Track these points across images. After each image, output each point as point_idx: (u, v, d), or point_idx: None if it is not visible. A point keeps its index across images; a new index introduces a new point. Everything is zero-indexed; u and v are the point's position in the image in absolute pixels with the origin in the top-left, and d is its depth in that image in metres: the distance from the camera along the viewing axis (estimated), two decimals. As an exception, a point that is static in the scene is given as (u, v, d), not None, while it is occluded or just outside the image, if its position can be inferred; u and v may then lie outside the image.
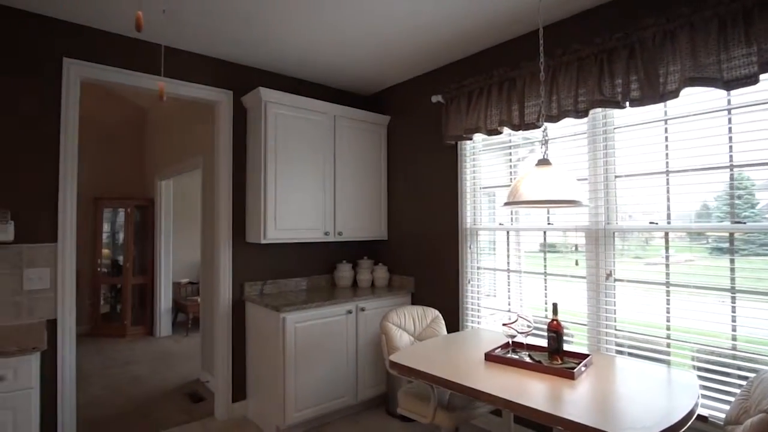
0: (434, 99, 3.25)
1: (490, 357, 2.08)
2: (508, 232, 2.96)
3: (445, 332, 2.84)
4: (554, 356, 2.01)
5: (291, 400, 2.86)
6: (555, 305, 2.07)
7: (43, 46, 2.56)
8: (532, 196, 1.83)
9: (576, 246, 2.59)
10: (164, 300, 5.83)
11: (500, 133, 2.84)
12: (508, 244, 2.96)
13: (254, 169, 3.20)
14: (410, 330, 2.73)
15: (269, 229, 3.07)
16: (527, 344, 2.22)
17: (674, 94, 2.04)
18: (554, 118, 2.50)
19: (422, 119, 3.52)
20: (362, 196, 3.64)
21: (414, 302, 3.56)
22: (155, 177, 5.88)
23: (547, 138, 2.01)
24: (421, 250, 3.50)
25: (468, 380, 1.81)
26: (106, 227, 5.97)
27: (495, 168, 3.07)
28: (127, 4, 2.43)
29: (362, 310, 3.24)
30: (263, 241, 3.06)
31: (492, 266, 3.08)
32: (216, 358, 3.28)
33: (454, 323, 3.20)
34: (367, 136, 3.69)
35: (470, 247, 3.14)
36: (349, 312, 3.17)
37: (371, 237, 3.71)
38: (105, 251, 5.95)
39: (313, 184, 3.32)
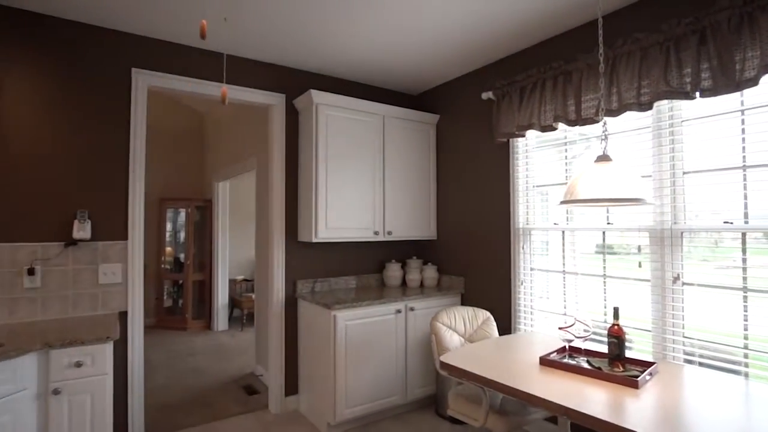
0: (484, 96, 3.18)
1: (545, 361, 2.00)
2: (563, 232, 2.85)
3: (497, 334, 2.77)
4: (615, 363, 1.91)
5: (341, 397, 2.90)
6: (616, 309, 1.96)
7: (114, 58, 2.76)
8: (590, 194, 1.74)
9: (639, 247, 2.44)
10: (221, 296, 6.12)
11: (555, 129, 2.73)
12: (563, 245, 2.85)
13: (306, 169, 3.28)
14: (460, 331, 2.69)
15: (320, 228, 3.14)
16: (585, 349, 2.12)
17: (753, 81, 1.87)
18: (614, 112, 2.37)
19: (472, 117, 3.46)
20: (411, 196, 3.63)
21: (464, 303, 3.51)
22: (213, 179, 6.18)
23: (606, 133, 1.91)
24: (472, 251, 3.44)
25: (522, 384, 1.75)
26: (169, 226, 6.35)
27: (549, 166, 2.96)
28: (190, 15, 2.56)
29: (411, 309, 3.24)
30: (314, 240, 3.13)
31: (546, 267, 2.97)
32: (270, 353, 3.39)
33: (505, 325, 3.12)
34: (415, 136, 3.68)
35: (523, 248, 3.05)
36: (399, 311, 3.18)
37: (420, 237, 3.69)
38: (168, 249, 6.33)
39: (363, 184, 3.36)
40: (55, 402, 2.04)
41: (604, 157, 1.84)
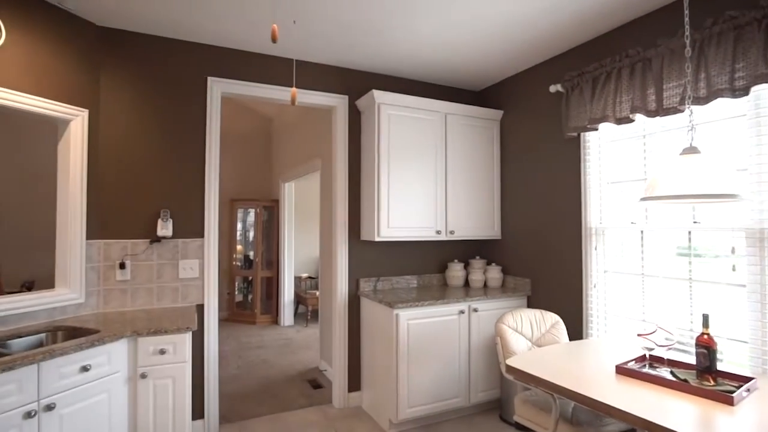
0: (553, 89, 3.03)
1: (622, 370, 1.87)
2: (642, 232, 2.64)
3: (567, 339, 2.63)
4: (704, 376, 1.74)
5: (403, 396, 2.90)
6: (706, 317, 1.78)
7: (192, 68, 2.96)
8: (675, 189, 1.60)
9: (732, 248, 2.20)
10: (287, 292, 6.37)
11: (632, 121, 2.54)
12: (642, 246, 2.64)
13: (368, 169, 3.32)
14: (527, 334, 2.58)
15: (382, 227, 3.16)
16: (668, 359, 1.95)
17: None
18: (702, 100, 2.16)
19: (539, 112, 3.32)
20: (475, 195, 3.55)
21: (530, 305, 3.37)
22: (280, 180, 6.45)
23: (693, 123, 1.74)
24: (539, 251, 3.30)
25: (598, 393, 1.64)
26: (239, 226, 6.72)
27: (625, 161, 2.76)
28: (259, 25, 2.69)
29: (475, 310, 3.17)
30: (376, 239, 3.15)
31: (622, 270, 2.77)
32: (333, 349, 3.47)
33: (576, 330, 2.95)
34: (479, 133, 3.60)
35: (596, 248, 2.87)
36: (462, 312, 3.12)
37: (484, 236, 3.60)
38: (239, 247, 6.70)
39: (425, 183, 3.33)
40: (143, 385, 2.22)
41: (691, 149, 1.68)
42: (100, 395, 2.07)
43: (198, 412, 2.91)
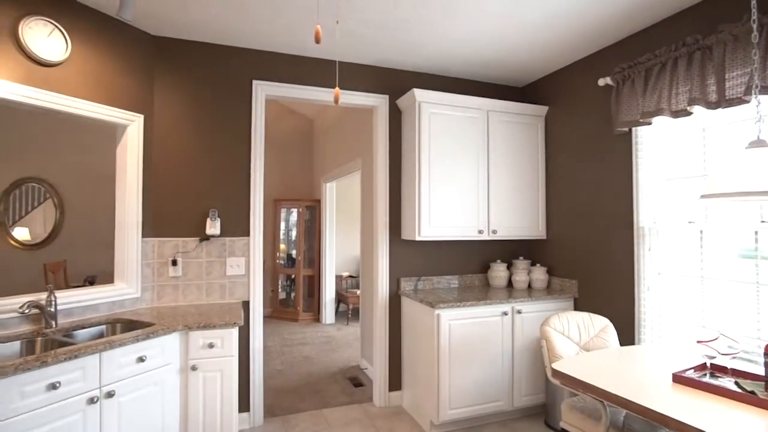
0: (601, 82, 2.90)
1: (680, 379, 1.75)
2: (701, 232, 2.47)
3: (617, 344, 2.51)
4: (775, 388, 1.60)
5: (445, 397, 2.87)
6: (776, 324, 1.64)
7: (238, 72, 3.07)
8: (740, 186, 1.48)
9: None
10: (328, 291, 6.47)
11: (690, 114, 2.38)
12: (701, 246, 2.48)
13: (409, 168, 3.31)
14: (575, 338, 2.49)
15: (423, 226, 3.14)
16: (732, 369, 1.81)
17: None
18: (772, 90, 1.99)
19: (586, 107, 3.18)
20: (518, 193, 3.46)
21: (577, 308, 3.24)
22: (321, 180, 6.56)
23: (761, 114, 1.61)
24: (587, 251, 3.17)
25: (653, 402, 1.55)
26: (282, 225, 6.89)
27: (682, 156, 2.60)
28: (302, 28, 2.74)
29: (519, 312, 3.08)
30: (417, 239, 3.14)
31: (678, 272, 2.61)
32: (374, 348, 3.49)
33: (627, 335, 2.81)
34: (522, 130, 3.50)
35: (649, 249, 2.72)
36: (505, 313, 3.04)
37: (528, 236, 3.50)
38: (282, 246, 6.88)
39: (467, 182, 3.28)
40: (193, 376, 2.32)
41: (758, 143, 1.56)
42: (155, 385, 2.18)
43: (244, 404, 3.01)
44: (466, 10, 2.52)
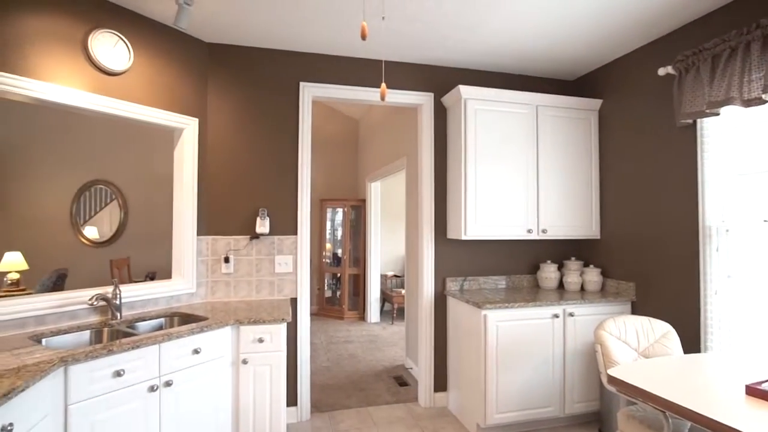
0: (661, 72, 2.72)
1: (755, 391, 1.61)
2: (778, 232, 2.26)
3: (681, 352, 2.34)
4: None
5: (492, 400, 2.80)
6: None
7: (286, 74, 3.15)
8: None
9: None
10: (373, 290, 6.51)
11: (764, 102, 2.18)
12: (778, 248, 2.26)
13: (455, 166, 3.26)
14: (632, 344, 2.35)
15: (470, 225, 3.08)
16: (817, 382, 1.64)
17: None
18: None
19: (644, 98, 3.00)
20: (570, 191, 3.32)
21: (635, 312, 3.06)
22: (366, 179, 6.62)
23: None
24: (645, 252, 2.98)
25: (724, 416, 1.43)
26: (328, 225, 7.01)
27: (756, 148, 2.38)
28: (347, 28, 2.77)
29: (571, 315, 2.96)
30: (463, 238, 3.08)
31: (752, 274, 2.40)
32: (419, 348, 3.47)
33: (691, 342, 2.62)
34: (574, 124, 3.35)
35: (717, 250, 2.52)
36: (556, 316, 2.93)
37: (580, 236, 3.35)
38: (328, 245, 6.99)
39: (515, 180, 3.19)
40: (244, 370, 2.41)
41: None
42: (208, 376, 2.28)
43: (291, 399, 3.08)
44: (512, 2, 2.45)
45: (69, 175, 5.81)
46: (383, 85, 1.61)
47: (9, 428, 1.37)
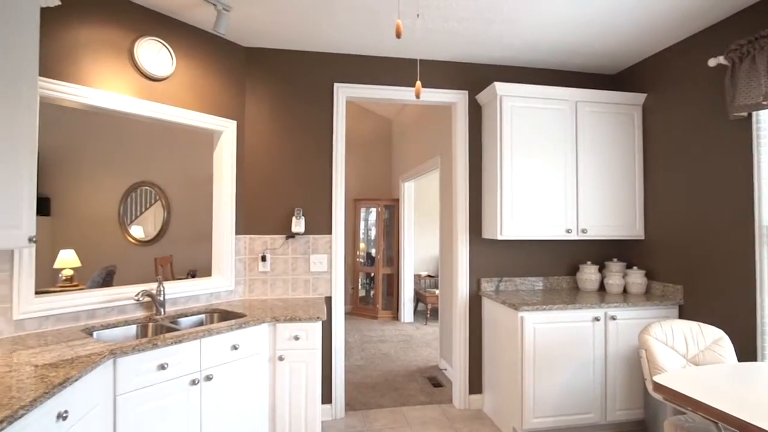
0: (712, 62, 2.57)
1: (819, 403, 1.49)
2: None
3: (734, 360, 2.21)
4: None
5: (529, 404, 2.73)
6: None
7: (320, 76, 3.18)
8: None
9: None
10: (407, 290, 6.50)
11: (831, 92, 2.02)
12: None
13: (490, 165, 3.20)
14: (680, 350, 2.23)
15: (505, 225, 3.02)
16: None
17: None
18: None
19: (693, 91, 2.84)
20: (612, 190, 3.19)
21: (683, 316, 2.91)
22: (400, 179, 6.61)
23: None
24: (695, 253, 2.83)
25: (783, 428, 1.34)
26: (362, 224, 7.05)
27: (820, 143, 2.21)
28: (381, 28, 2.77)
29: (612, 318, 2.84)
30: (499, 238, 3.03)
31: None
32: (453, 349, 3.43)
33: (746, 350, 2.46)
34: (615, 120, 3.22)
35: (775, 252, 2.35)
36: (597, 319, 2.82)
37: (623, 236, 3.21)
38: (361, 245, 7.04)
39: (554, 178, 3.10)
40: (280, 366, 2.45)
41: None
42: (246, 372, 2.34)
43: (326, 396, 3.12)
44: (552, -5, 2.38)
45: (117, 178, 6.12)
46: (418, 83, 1.60)
47: (64, 415, 1.45)
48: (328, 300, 3.15)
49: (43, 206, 5.91)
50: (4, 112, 1.60)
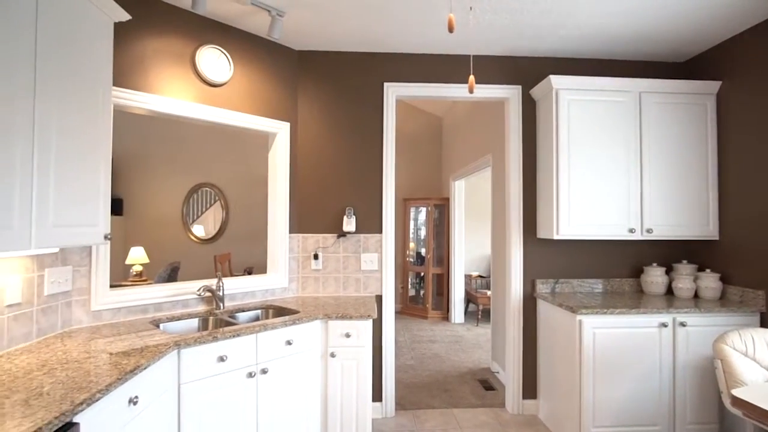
0: (802, 44, 2.32)
1: None
2: None
3: (829, 374, 1.98)
4: None
5: (588, 412, 2.60)
6: None
7: (370, 76, 3.21)
8: None
9: None
10: (457, 290, 6.41)
11: None
12: None
13: (545, 161, 3.08)
14: (763, 362, 2.03)
15: (562, 224, 2.89)
16: None
17: None
18: None
19: (778, 76, 2.57)
20: (681, 186, 2.96)
21: (765, 325, 2.65)
22: (450, 178, 6.53)
23: None
24: (778, 256, 2.56)
25: None
26: (411, 224, 7.03)
27: None
28: (431, 25, 2.74)
29: (682, 325, 2.64)
30: (555, 238, 2.90)
31: None
32: (506, 352, 3.33)
33: (844, 364, 2.20)
34: (685, 111, 2.99)
35: None
36: (664, 325, 2.63)
37: (694, 236, 2.97)
38: (411, 244, 7.02)
39: (615, 174, 2.93)
40: (332, 363, 2.49)
41: None
42: (299, 367, 2.40)
43: (376, 394, 3.14)
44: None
45: (180, 179, 6.51)
46: (471, 77, 1.56)
47: (135, 400, 1.56)
48: (379, 298, 3.17)
49: (117, 206, 6.39)
50: (84, 120, 1.74)
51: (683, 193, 2.96)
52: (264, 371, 2.21)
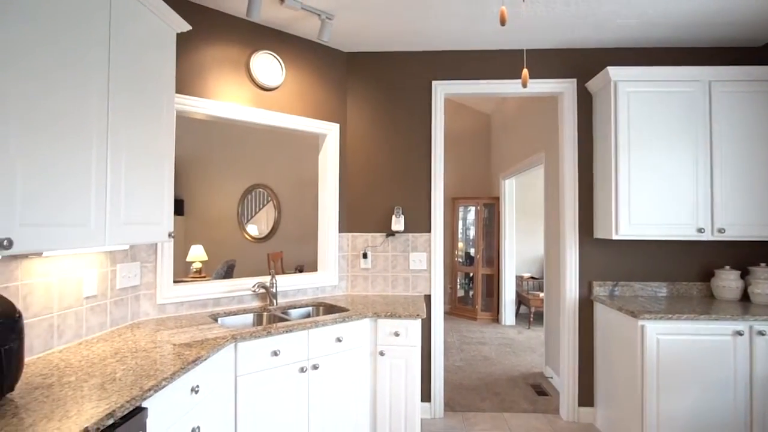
0: None
1: None
2: None
3: None
4: None
5: (651, 424, 2.44)
6: None
7: (418, 75, 3.19)
8: None
9: None
10: (508, 291, 6.25)
11: None
12: None
13: (603, 158, 2.93)
14: None
15: (622, 224, 2.74)
16: None
17: None
18: None
19: None
20: (757, 182, 2.71)
21: None
22: (499, 176, 6.38)
23: None
24: None
25: None
26: (460, 224, 6.94)
27: None
28: (479, 20, 2.69)
29: (761, 334, 2.41)
30: (614, 238, 2.75)
31: None
32: (561, 357, 3.20)
33: None
34: (763, 100, 2.73)
35: None
36: (739, 333, 2.42)
37: (773, 236, 2.72)
38: (460, 244, 6.92)
39: (680, 171, 2.73)
40: (381, 361, 2.51)
41: None
42: (349, 364, 2.43)
43: (425, 395, 3.12)
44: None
45: (236, 181, 6.81)
46: (525, 71, 1.51)
47: (196, 389, 1.64)
48: (427, 298, 3.15)
49: (178, 207, 6.79)
50: (150, 125, 1.87)
51: (762, 190, 2.71)
52: (315, 367, 2.26)
